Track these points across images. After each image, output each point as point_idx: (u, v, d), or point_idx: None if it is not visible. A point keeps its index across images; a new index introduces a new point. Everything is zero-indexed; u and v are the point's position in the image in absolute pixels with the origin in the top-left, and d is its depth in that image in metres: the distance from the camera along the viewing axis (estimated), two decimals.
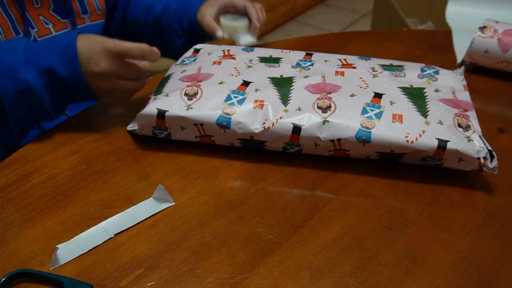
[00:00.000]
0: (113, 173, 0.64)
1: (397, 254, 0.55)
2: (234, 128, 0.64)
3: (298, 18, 2.87)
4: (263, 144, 0.66)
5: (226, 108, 0.65)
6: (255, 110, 0.65)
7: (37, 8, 0.76)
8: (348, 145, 0.63)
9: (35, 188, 0.62)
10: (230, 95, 0.66)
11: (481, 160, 0.62)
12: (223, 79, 0.69)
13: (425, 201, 0.62)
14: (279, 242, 0.56)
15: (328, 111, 0.64)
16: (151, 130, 0.67)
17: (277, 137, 0.64)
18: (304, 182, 0.64)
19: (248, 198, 0.61)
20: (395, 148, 0.63)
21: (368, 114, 0.64)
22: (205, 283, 0.51)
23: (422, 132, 0.62)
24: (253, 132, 0.64)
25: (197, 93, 0.67)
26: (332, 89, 0.68)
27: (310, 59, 0.76)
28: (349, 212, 0.60)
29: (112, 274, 0.52)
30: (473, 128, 0.65)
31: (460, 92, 0.71)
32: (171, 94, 0.67)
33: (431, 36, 1.03)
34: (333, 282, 0.52)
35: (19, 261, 0.53)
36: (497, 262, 0.55)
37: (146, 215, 0.59)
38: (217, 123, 0.64)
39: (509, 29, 0.86)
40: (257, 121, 0.64)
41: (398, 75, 0.72)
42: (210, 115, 0.64)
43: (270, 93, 0.67)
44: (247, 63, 0.74)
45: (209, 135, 0.66)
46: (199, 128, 0.66)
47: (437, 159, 0.63)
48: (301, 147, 0.65)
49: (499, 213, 0.61)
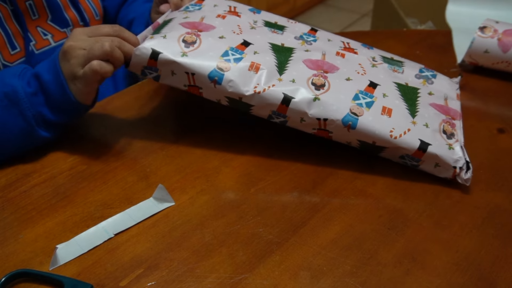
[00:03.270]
0: (113, 173, 0.64)
1: (397, 254, 0.55)
2: (225, 85, 0.63)
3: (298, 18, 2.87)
4: (249, 108, 0.65)
5: (221, 63, 0.63)
6: (249, 72, 0.63)
7: (34, 19, 0.75)
8: (333, 127, 0.63)
9: (35, 188, 0.62)
10: (228, 51, 0.65)
11: (457, 170, 0.63)
12: (224, 34, 0.68)
13: (425, 201, 0.62)
14: (279, 242, 0.56)
15: (321, 89, 0.64)
16: (141, 69, 0.65)
17: (266, 104, 0.63)
18: (304, 182, 0.64)
19: (248, 198, 0.61)
20: (377, 140, 0.63)
21: (359, 101, 0.64)
22: (205, 283, 0.51)
23: (407, 130, 0.63)
24: (243, 93, 0.63)
25: (195, 42, 0.65)
26: (330, 69, 0.67)
27: (314, 34, 0.75)
28: (349, 212, 0.60)
29: (112, 274, 0.52)
30: (457, 137, 0.65)
31: (452, 100, 0.71)
32: (169, 37, 0.65)
33: (431, 36, 1.03)
34: (333, 282, 0.52)
35: (19, 261, 0.53)
36: (497, 262, 0.55)
37: (146, 215, 0.59)
38: (209, 76, 0.63)
39: (509, 29, 0.86)
40: (249, 84, 0.63)
41: (397, 70, 0.72)
42: (204, 66, 0.63)
43: (268, 58, 0.66)
44: (251, 23, 0.73)
45: (198, 87, 0.65)
46: (190, 78, 0.64)
47: (415, 160, 0.64)
48: (287, 119, 0.65)
49: (499, 213, 0.61)
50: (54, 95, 0.62)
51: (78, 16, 0.80)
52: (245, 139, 0.70)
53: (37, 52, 0.74)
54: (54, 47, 0.77)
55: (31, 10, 0.74)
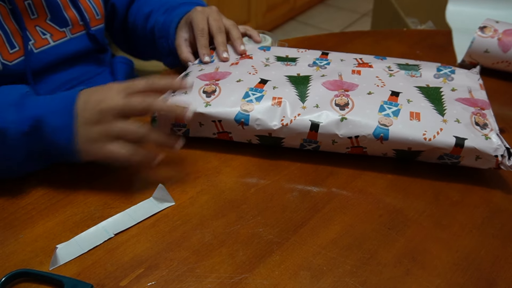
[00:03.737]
0: (113, 173, 0.64)
1: (397, 254, 0.55)
2: (252, 124, 0.64)
3: (298, 18, 2.87)
4: (281, 141, 0.66)
5: (245, 105, 0.65)
6: (273, 107, 0.65)
7: (33, 19, 0.74)
8: (366, 142, 0.64)
9: (35, 188, 0.62)
10: (248, 92, 0.67)
11: (499, 158, 0.62)
12: (240, 77, 0.70)
13: (425, 201, 0.62)
14: (279, 242, 0.56)
15: (346, 108, 0.64)
16: (170, 127, 0.68)
17: (295, 133, 0.64)
18: (304, 181, 0.64)
19: (248, 198, 0.61)
20: (412, 146, 0.63)
21: (385, 112, 0.64)
22: (205, 283, 0.51)
23: (440, 130, 0.63)
24: (271, 128, 0.64)
25: (215, 91, 0.67)
26: (350, 87, 0.68)
27: (326, 58, 0.76)
28: (349, 212, 0.60)
29: (112, 274, 0.52)
30: (491, 126, 0.65)
31: (477, 91, 0.71)
32: (190, 91, 0.67)
33: (431, 36, 1.03)
34: (333, 282, 0.52)
35: (19, 261, 0.53)
36: (497, 262, 0.55)
37: (146, 215, 0.59)
38: (236, 120, 0.64)
39: (509, 29, 0.86)
40: (275, 118, 0.64)
41: (414, 75, 0.73)
42: (228, 111, 0.65)
43: (287, 90, 0.67)
44: (264, 61, 0.75)
45: (227, 132, 0.67)
46: (217, 125, 0.66)
47: (455, 157, 0.64)
48: (319, 144, 0.66)
49: (499, 213, 0.61)
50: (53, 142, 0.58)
51: (78, 15, 0.80)
52: None
53: (36, 51, 0.74)
54: (53, 47, 0.76)
55: (30, 9, 0.73)
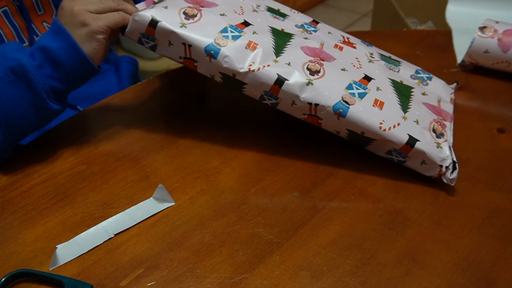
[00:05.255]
0: (113, 173, 0.64)
1: (397, 254, 0.55)
2: (220, 60, 0.62)
3: None
4: (242, 86, 0.64)
5: (219, 39, 0.63)
6: (246, 50, 0.63)
7: (40, 15, 0.76)
8: (323, 113, 0.63)
9: (35, 188, 0.62)
10: (227, 28, 0.65)
11: (443, 169, 0.63)
12: (225, 12, 0.68)
13: (425, 201, 0.62)
14: (279, 242, 0.56)
15: (315, 75, 0.64)
16: (138, 36, 0.65)
17: (259, 83, 0.63)
18: (304, 182, 0.64)
19: (248, 198, 0.61)
20: (366, 131, 0.63)
21: (352, 91, 0.64)
22: (205, 283, 0.51)
23: (397, 124, 0.63)
24: (237, 70, 0.63)
25: (196, 16, 0.65)
26: (326, 58, 0.67)
27: (315, 25, 0.75)
28: (349, 212, 0.60)
29: (112, 274, 0.52)
30: (446, 137, 0.65)
31: (445, 103, 0.72)
32: (170, 7, 0.65)
33: (431, 36, 1.03)
34: (333, 282, 0.52)
35: (19, 261, 0.53)
36: (497, 262, 0.55)
37: (146, 215, 0.59)
38: (206, 50, 0.62)
39: (509, 29, 0.86)
40: (244, 61, 0.63)
41: (392, 68, 0.73)
42: (201, 39, 0.63)
43: (266, 39, 0.66)
44: (254, 7, 0.73)
45: (194, 59, 0.64)
46: (186, 49, 0.64)
47: (402, 155, 0.64)
48: (278, 101, 0.64)
49: (499, 213, 0.61)
50: (65, 62, 0.61)
51: None
52: (245, 139, 0.70)
53: None
54: None
55: (37, 5, 0.75)
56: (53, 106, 0.63)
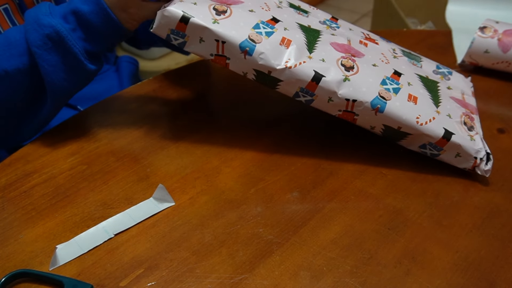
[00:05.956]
0: (113, 173, 0.64)
1: (397, 254, 0.55)
2: (255, 56, 0.61)
3: None
4: (277, 83, 0.63)
5: (253, 35, 0.62)
6: (281, 47, 0.63)
7: None
8: (361, 109, 0.63)
9: (35, 188, 0.62)
10: (259, 24, 0.64)
11: (477, 160, 0.63)
12: (253, 8, 0.67)
13: (425, 201, 0.62)
14: (279, 242, 0.56)
15: (351, 70, 0.63)
16: (167, 33, 0.62)
17: (295, 79, 0.62)
18: (304, 182, 0.64)
19: (248, 198, 0.61)
20: (403, 126, 0.63)
21: (386, 86, 0.64)
22: (205, 283, 0.51)
23: (433, 118, 0.64)
24: (274, 67, 0.62)
25: (226, 11, 0.63)
26: (356, 54, 0.67)
27: (336, 22, 0.75)
28: (349, 212, 0.60)
29: (112, 274, 0.52)
30: (476, 130, 0.66)
31: (468, 97, 0.73)
32: (199, 3, 0.63)
33: (431, 36, 1.03)
34: (333, 282, 0.52)
35: (19, 261, 0.53)
36: (497, 262, 0.55)
37: (146, 215, 0.59)
38: (240, 46, 0.61)
39: (509, 29, 0.86)
40: (280, 58, 0.62)
41: (416, 64, 0.73)
42: (236, 35, 0.61)
43: (298, 36, 0.65)
44: (277, 3, 0.72)
45: (226, 57, 0.63)
46: (219, 46, 0.62)
47: (437, 148, 0.64)
48: (314, 98, 0.64)
49: (499, 213, 0.61)
50: (97, 25, 0.63)
51: None
52: (245, 139, 0.70)
53: None
54: None
55: (37, 3, 0.75)
56: (91, 67, 0.64)
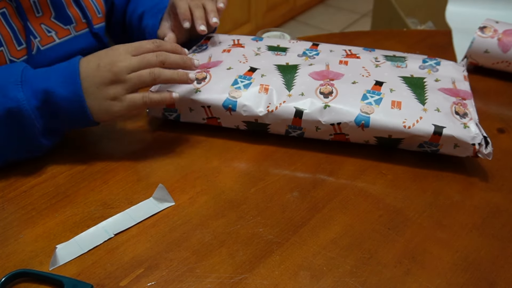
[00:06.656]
0: (113, 173, 0.64)
1: (397, 254, 0.55)
2: (239, 110, 0.67)
3: (298, 18, 2.87)
4: (267, 127, 0.68)
5: (233, 92, 0.67)
6: (260, 94, 0.67)
7: (38, 17, 0.75)
8: (348, 129, 0.65)
9: (35, 188, 0.62)
10: (237, 80, 0.69)
11: (476, 146, 0.64)
12: (231, 65, 0.72)
13: (425, 201, 0.62)
14: (279, 242, 0.56)
15: (329, 96, 0.66)
16: (162, 112, 0.70)
17: (280, 120, 0.67)
18: (304, 182, 0.64)
19: (248, 198, 0.61)
20: (392, 133, 0.65)
21: (368, 100, 0.66)
22: (205, 283, 0.51)
23: (420, 118, 0.64)
24: (257, 115, 0.67)
25: (206, 78, 0.69)
26: (335, 77, 0.70)
27: (316, 48, 0.78)
28: (349, 212, 0.60)
29: (112, 274, 0.52)
30: (470, 115, 0.66)
31: (460, 82, 0.73)
32: None
33: (431, 36, 1.03)
34: (333, 282, 0.52)
35: (19, 261, 0.53)
36: (497, 262, 0.55)
37: (146, 215, 0.59)
38: (224, 106, 0.67)
39: (509, 29, 0.86)
40: (261, 105, 0.67)
41: (400, 65, 0.75)
42: (217, 98, 0.67)
43: (275, 78, 0.69)
44: (255, 51, 0.76)
45: (216, 117, 0.69)
46: (206, 110, 0.68)
47: (434, 145, 0.65)
48: (303, 131, 0.68)
49: (499, 213, 0.61)
50: (66, 113, 0.61)
51: (81, 13, 0.81)
52: (245, 139, 0.70)
53: (42, 49, 0.75)
54: (58, 44, 0.78)
55: (35, 7, 0.75)
56: (45, 142, 0.63)
